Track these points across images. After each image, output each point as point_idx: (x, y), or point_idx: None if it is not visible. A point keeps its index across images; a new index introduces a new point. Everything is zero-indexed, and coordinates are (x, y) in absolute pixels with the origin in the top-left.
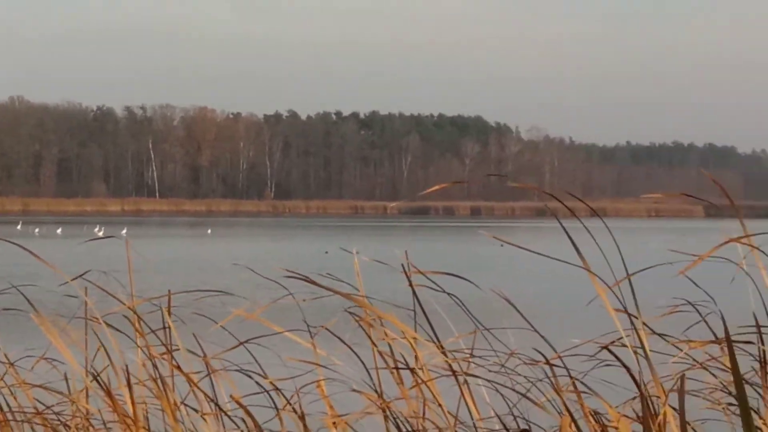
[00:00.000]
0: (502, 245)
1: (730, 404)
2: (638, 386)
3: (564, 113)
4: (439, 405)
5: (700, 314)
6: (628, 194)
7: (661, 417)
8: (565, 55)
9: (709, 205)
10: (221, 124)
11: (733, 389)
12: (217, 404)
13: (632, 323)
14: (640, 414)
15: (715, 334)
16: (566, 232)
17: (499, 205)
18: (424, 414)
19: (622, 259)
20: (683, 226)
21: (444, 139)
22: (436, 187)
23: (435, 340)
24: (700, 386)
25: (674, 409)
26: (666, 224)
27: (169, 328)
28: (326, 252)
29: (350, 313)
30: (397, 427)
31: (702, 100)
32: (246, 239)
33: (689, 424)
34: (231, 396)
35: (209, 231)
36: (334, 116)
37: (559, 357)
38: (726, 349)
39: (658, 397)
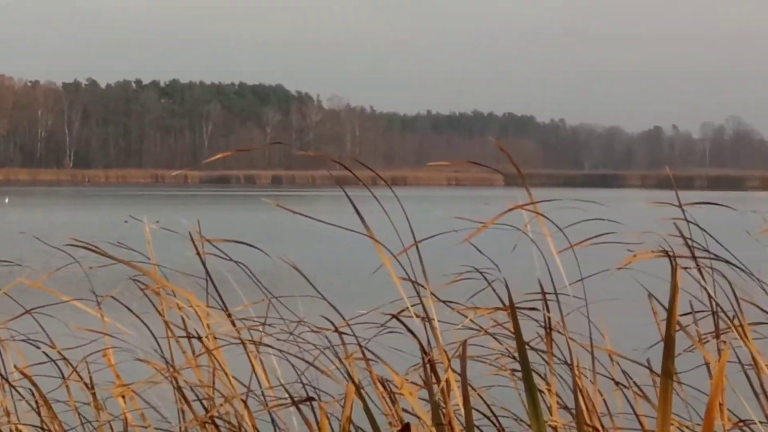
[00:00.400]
0: (301, 215)
1: (515, 370)
2: (424, 352)
3: (365, 82)
4: (225, 373)
5: (487, 281)
6: (429, 163)
7: (443, 382)
8: (365, 24)
9: (509, 173)
10: (19, 92)
11: (518, 355)
12: (3, 376)
13: (416, 291)
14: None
15: (502, 301)
16: (350, 200)
17: (300, 174)
18: (213, 383)
19: (411, 228)
20: (483, 194)
21: (245, 107)
22: (220, 156)
23: (224, 308)
24: (487, 352)
25: (459, 374)
26: (467, 193)
27: None
28: (126, 221)
29: (135, 281)
30: (183, 396)
31: (501, 70)
32: (45, 208)
33: (475, 390)
34: (15, 367)
35: (6, 200)
36: (134, 84)
37: (348, 325)
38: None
39: (442, 363)
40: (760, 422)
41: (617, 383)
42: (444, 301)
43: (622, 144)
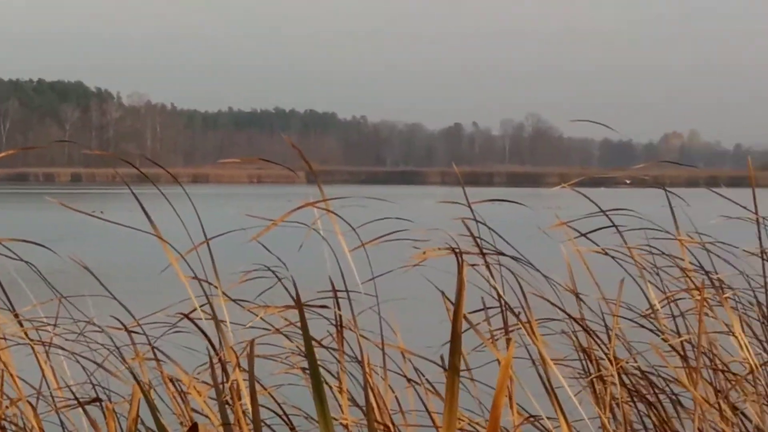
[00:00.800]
0: (102, 212)
1: (306, 368)
2: (215, 352)
3: (167, 79)
4: (11, 375)
5: (278, 278)
6: (220, 160)
7: (231, 381)
8: (166, 19)
9: (310, 170)
10: None
11: (305, 352)
12: None
13: (203, 290)
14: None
15: (294, 299)
16: (136, 198)
17: (100, 172)
18: (1, 385)
19: (202, 226)
20: (285, 191)
21: (44, 104)
22: (2, 155)
23: (11, 308)
24: (279, 351)
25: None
26: (268, 190)
27: None
28: None
29: None
30: None
31: (302, 67)
32: None
33: (266, 389)
34: None
35: None
36: None
37: (138, 324)
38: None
39: (230, 362)
40: (548, 417)
41: (409, 380)
42: (235, 300)
43: (423, 141)
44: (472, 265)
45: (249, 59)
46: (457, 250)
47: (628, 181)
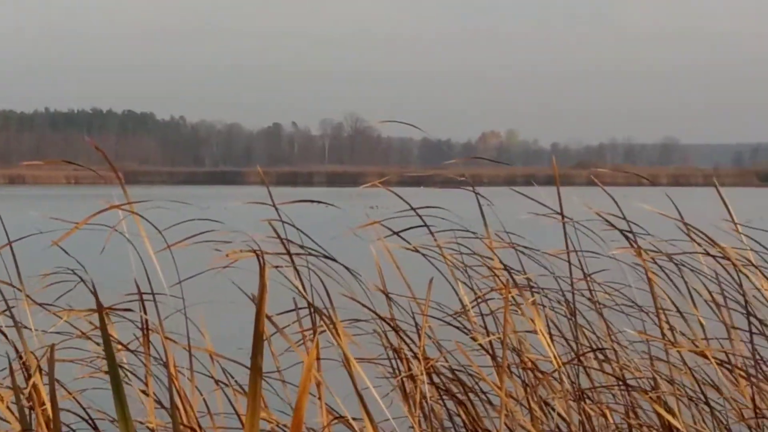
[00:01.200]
0: None
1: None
2: (18, 356)
3: None
4: None
5: (82, 280)
6: (24, 162)
7: (30, 385)
8: None
9: (128, 171)
10: None
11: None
12: None
13: (2, 294)
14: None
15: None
16: None
17: None
18: None
19: (5, 229)
20: (101, 192)
21: None
22: None
23: None
24: (85, 355)
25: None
26: (83, 191)
27: None
28: None
29: None
30: None
31: (115, 64)
32: None
33: (70, 393)
34: None
35: None
36: None
37: None
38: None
39: (30, 367)
40: (354, 418)
41: (217, 382)
42: (39, 303)
43: (242, 141)
44: (277, 266)
45: (65, 59)
46: (258, 252)
47: (461, 177)
